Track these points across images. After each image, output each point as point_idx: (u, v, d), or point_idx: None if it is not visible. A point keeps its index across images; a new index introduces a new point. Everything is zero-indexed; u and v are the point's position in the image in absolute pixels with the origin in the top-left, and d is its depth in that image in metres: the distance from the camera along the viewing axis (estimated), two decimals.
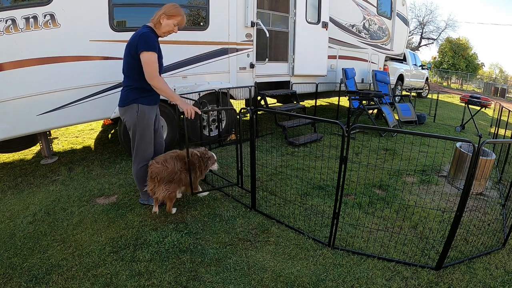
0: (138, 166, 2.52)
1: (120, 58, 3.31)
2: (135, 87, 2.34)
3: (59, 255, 2.02)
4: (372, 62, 7.41)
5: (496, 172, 3.92)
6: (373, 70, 6.93)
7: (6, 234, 2.24)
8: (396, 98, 7.74)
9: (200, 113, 2.46)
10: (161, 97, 3.81)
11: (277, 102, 6.08)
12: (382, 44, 7.72)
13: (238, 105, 4.38)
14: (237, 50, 4.41)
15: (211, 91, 4.11)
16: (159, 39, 2.41)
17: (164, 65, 3.66)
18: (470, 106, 6.71)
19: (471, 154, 2.17)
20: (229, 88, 4.29)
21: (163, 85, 2.30)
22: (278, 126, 4.71)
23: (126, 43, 2.30)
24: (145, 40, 2.19)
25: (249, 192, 2.72)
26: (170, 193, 2.41)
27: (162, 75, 3.00)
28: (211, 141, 4.04)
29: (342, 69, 6.08)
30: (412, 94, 9.50)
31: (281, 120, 4.83)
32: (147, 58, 2.20)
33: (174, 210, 2.56)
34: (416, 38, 31.83)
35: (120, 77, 3.36)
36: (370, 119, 5.85)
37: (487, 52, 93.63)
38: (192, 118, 2.38)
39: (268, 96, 4.84)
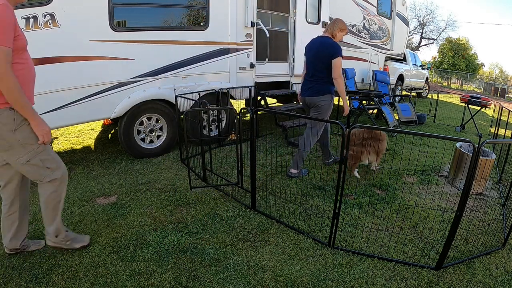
0: (314, 143, 3.40)
1: (120, 58, 3.38)
2: (329, 82, 3.20)
3: (59, 255, 2.01)
4: (372, 62, 7.41)
5: (496, 172, 3.92)
6: (373, 70, 6.93)
7: None
8: (396, 98, 7.74)
9: None
10: (160, 97, 3.82)
11: (277, 102, 6.08)
12: (382, 44, 7.72)
13: (238, 105, 4.38)
14: (237, 50, 4.41)
15: (211, 91, 4.11)
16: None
17: (164, 65, 3.73)
18: (470, 106, 6.71)
19: (471, 154, 2.17)
20: (229, 88, 4.29)
21: (343, 83, 3.24)
22: (278, 126, 4.70)
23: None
24: (339, 49, 3.10)
25: (249, 192, 2.72)
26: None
27: (162, 75, 3.01)
28: (211, 141, 4.05)
29: (342, 69, 6.08)
30: (412, 94, 9.50)
31: (281, 120, 4.82)
32: (339, 62, 3.09)
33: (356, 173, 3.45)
34: (416, 38, 31.85)
35: (119, 77, 3.40)
36: (370, 119, 5.85)
37: (487, 52, 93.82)
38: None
39: (268, 96, 4.84)
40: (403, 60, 9.89)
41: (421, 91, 12.25)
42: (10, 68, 1.58)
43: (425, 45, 32.12)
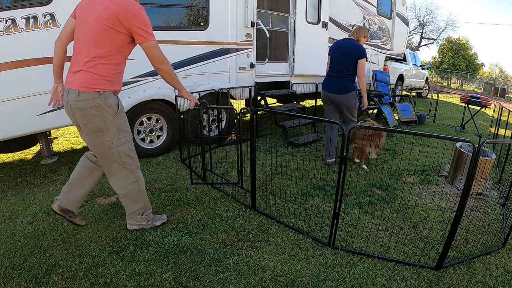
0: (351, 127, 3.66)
1: None
2: (353, 79, 3.56)
3: (59, 255, 2.02)
4: (372, 62, 7.40)
5: (496, 172, 3.92)
6: (373, 70, 6.92)
7: (6, 234, 2.24)
8: (396, 98, 7.74)
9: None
10: (160, 97, 3.82)
11: (277, 102, 6.08)
12: (382, 44, 7.72)
13: (238, 105, 4.38)
14: (237, 50, 4.41)
15: (211, 91, 4.11)
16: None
17: None
18: (470, 106, 6.71)
19: (471, 154, 2.17)
20: (229, 88, 4.29)
21: (365, 81, 3.66)
22: (278, 126, 4.70)
23: None
24: (365, 51, 3.50)
25: (249, 192, 2.72)
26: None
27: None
28: (211, 141, 4.04)
29: None
30: (412, 94, 9.50)
31: (281, 120, 4.82)
32: (364, 62, 3.49)
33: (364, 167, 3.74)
34: (416, 38, 31.87)
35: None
36: (370, 118, 5.84)
37: (487, 52, 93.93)
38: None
39: (268, 96, 4.84)
40: (403, 60, 9.89)
41: (421, 91, 12.25)
42: None
43: (425, 45, 32.16)
